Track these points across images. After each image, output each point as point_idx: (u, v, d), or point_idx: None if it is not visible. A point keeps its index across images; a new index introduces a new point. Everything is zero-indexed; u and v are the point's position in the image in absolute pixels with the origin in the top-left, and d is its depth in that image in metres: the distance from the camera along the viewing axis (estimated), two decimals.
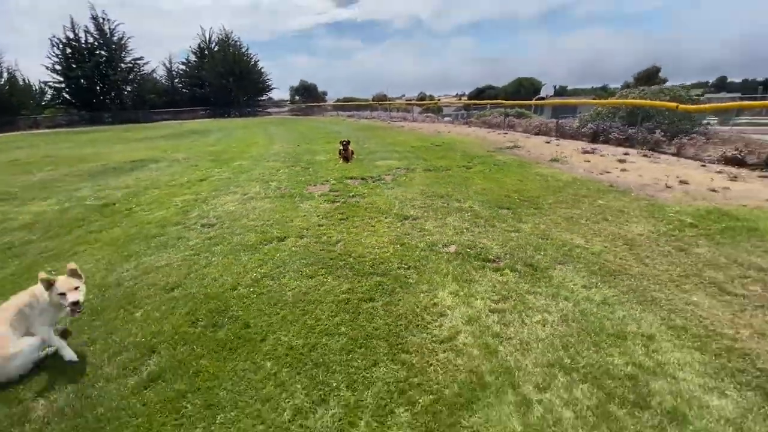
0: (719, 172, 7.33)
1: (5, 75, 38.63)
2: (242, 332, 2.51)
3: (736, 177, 6.95)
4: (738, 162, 7.83)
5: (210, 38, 50.61)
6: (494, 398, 1.91)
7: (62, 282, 2.26)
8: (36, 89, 42.43)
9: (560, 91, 62.79)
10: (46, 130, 35.30)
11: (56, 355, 2.32)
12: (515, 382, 2.01)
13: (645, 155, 9.36)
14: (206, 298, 2.95)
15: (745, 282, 3.08)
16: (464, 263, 3.43)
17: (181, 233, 4.47)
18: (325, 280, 3.20)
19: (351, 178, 7.35)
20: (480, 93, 66.81)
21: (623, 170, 7.77)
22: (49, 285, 2.25)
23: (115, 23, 42.30)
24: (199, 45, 50.68)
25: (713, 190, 6.08)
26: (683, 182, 6.67)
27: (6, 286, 3.30)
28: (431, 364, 2.16)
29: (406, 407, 1.88)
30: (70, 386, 2.09)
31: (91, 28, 41.17)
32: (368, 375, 2.09)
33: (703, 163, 8.19)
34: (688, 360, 2.16)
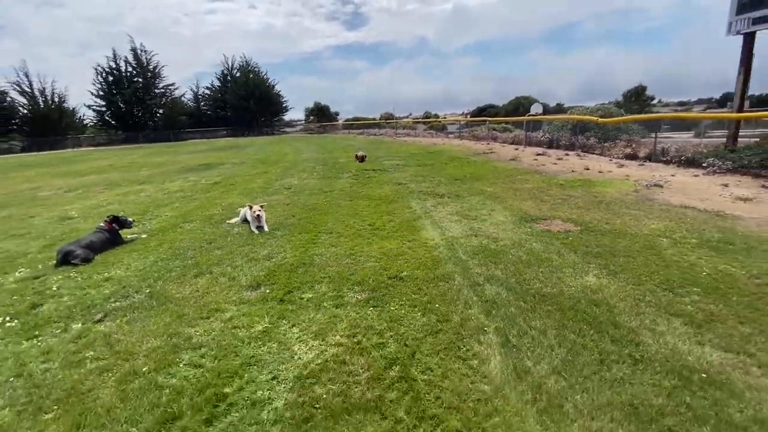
0: (615, 163, 10.77)
1: (56, 100, 43.84)
2: (327, 210, 6.07)
3: (622, 165, 10.39)
4: (632, 156, 11.29)
5: (232, 65, 55.95)
6: (425, 221, 5.42)
7: (255, 207, 5.44)
8: (72, 111, 47.41)
9: (557, 109, 66.51)
10: (90, 148, 40.03)
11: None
12: (432, 218, 5.51)
13: (578, 155, 12.86)
14: (306, 206, 6.53)
15: (555, 198, 6.54)
16: (425, 196, 6.97)
17: (275, 191, 8.09)
18: (358, 202, 6.76)
19: (366, 169, 10.96)
20: (481, 111, 70.88)
21: (554, 164, 11.25)
22: (250, 207, 5.54)
23: (151, 54, 47.78)
24: (222, 71, 55.99)
25: (600, 172, 9.52)
26: (586, 168, 10.11)
27: (205, 206, 6.93)
28: (402, 215, 5.67)
29: (391, 220, 5.38)
30: (273, 222, 5.62)
31: (130, 58, 46.63)
32: (378, 218, 5.59)
33: (611, 159, 11.64)
34: (504, 213, 5.63)
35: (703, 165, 8.80)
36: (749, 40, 9.09)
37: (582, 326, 2.61)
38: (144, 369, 2.31)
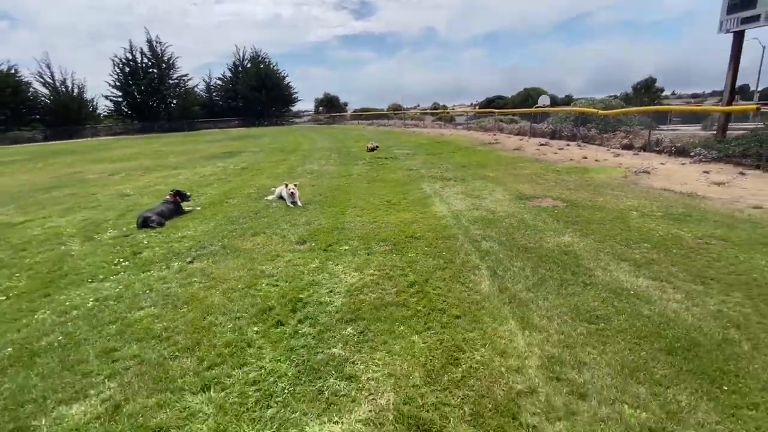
0: (612, 153, 11.51)
1: (76, 90, 45.17)
2: (349, 190, 7.00)
3: (618, 155, 11.14)
4: (629, 147, 12.01)
5: (243, 55, 56.71)
6: (435, 199, 6.33)
7: (290, 185, 6.48)
8: (90, 102, 48.58)
9: (567, 101, 66.27)
10: (108, 137, 41.35)
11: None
12: (441, 196, 6.41)
13: (579, 145, 13.58)
14: (329, 187, 7.48)
15: (550, 182, 7.38)
16: (434, 180, 7.86)
17: (299, 175, 9.05)
18: (374, 184, 7.68)
19: (378, 157, 11.86)
20: (489, 103, 70.84)
21: (555, 153, 12.02)
22: (286, 186, 6.56)
23: (166, 45, 48.75)
24: (233, 62, 56.79)
25: (596, 160, 10.30)
26: (584, 157, 10.89)
27: (247, 182, 7.91)
28: (414, 194, 6.59)
29: (405, 198, 6.29)
30: (303, 200, 6.57)
31: (146, 49, 47.66)
32: (393, 196, 6.51)
33: (609, 149, 12.37)
34: (503, 193, 6.51)
35: (692, 154, 9.53)
36: (738, 38, 9.72)
37: (551, 265, 3.52)
38: (238, 286, 3.29)
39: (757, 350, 2.29)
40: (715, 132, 10.79)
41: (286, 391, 2.05)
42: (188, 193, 6.04)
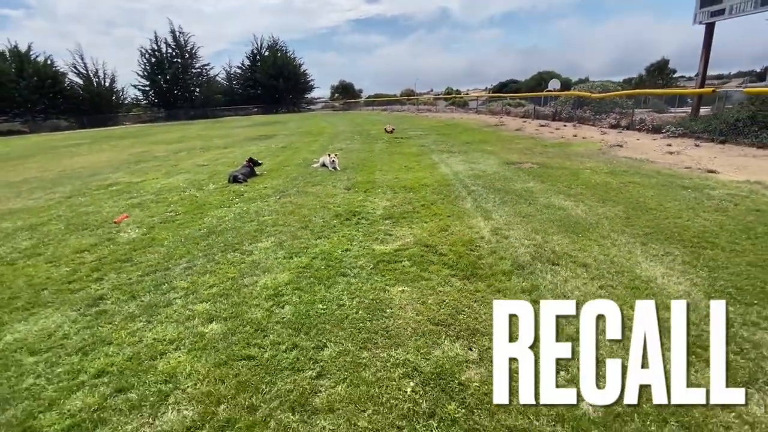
0: (600, 132, 13.17)
1: (108, 81, 48.02)
2: (374, 160, 9.04)
3: (605, 132, 12.81)
4: (615, 126, 13.62)
5: (261, 44, 58.52)
6: (441, 164, 8.30)
7: (331, 155, 8.61)
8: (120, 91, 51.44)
9: (577, 83, 65.99)
10: (139, 125, 44.14)
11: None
12: (446, 163, 8.38)
13: (574, 126, 15.23)
14: (358, 159, 9.52)
15: (536, 153, 9.24)
16: (442, 152, 9.81)
17: (331, 151, 11.10)
18: (394, 156, 9.68)
19: (395, 138, 13.81)
20: (503, 87, 71.04)
21: (551, 133, 13.75)
22: (327, 155, 8.67)
23: (189, 35, 50.97)
24: (252, 50, 58.70)
25: (584, 138, 12.04)
26: (574, 135, 12.62)
27: (291, 156, 10.02)
28: (425, 162, 8.57)
29: (418, 164, 8.29)
30: (343, 166, 8.63)
31: (170, 40, 50.00)
32: (409, 163, 8.50)
33: (600, 128, 13.99)
34: (494, 160, 8.43)
35: (663, 131, 11.17)
36: (709, 29, 11.18)
37: (513, 196, 5.50)
38: (316, 207, 5.39)
39: (611, 226, 4.25)
40: (702, 112, 12.32)
41: (360, 238, 4.15)
42: (260, 161, 8.18)
